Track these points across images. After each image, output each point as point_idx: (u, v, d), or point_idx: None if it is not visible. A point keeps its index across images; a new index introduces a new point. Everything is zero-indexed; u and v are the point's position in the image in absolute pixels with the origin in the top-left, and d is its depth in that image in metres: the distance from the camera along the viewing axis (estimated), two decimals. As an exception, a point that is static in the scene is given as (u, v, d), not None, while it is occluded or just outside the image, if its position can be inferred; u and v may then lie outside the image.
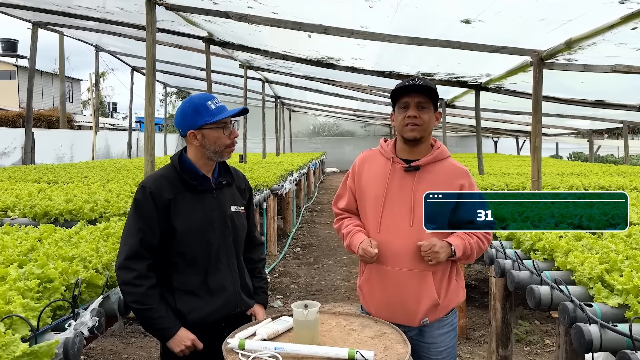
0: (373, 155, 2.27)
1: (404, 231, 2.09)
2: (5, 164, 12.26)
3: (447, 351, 2.17)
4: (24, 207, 3.95)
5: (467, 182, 2.14)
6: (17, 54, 34.58)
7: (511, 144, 23.08)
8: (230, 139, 2.11)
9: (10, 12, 9.74)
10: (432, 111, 2.12)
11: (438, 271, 2.10)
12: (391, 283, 2.11)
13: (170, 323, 1.99)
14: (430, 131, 2.15)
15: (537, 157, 5.95)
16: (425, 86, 2.06)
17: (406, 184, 2.12)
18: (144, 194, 2.01)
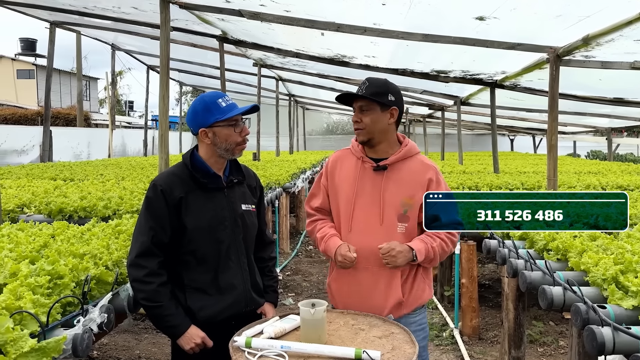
0: (345, 155, 2.29)
1: (374, 231, 2.12)
2: (24, 161, 12.47)
3: (421, 347, 2.11)
4: (40, 204, 4.01)
5: (435, 177, 2.15)
6: (36, 53, 35.21)
7: (528, 142, 22.80)
8: (241, 137, 2.11)
9: (28, 12, 9.90)
10: (378, 111, 2.11)
11: (405, 270, 2.13)
12: (360, 281, 2.15)
13: (180, 320, 2.00)
14: (381, 130, 2.14)
15: (553, 155, 5.87)
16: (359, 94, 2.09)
17: (376, 183, 2.15)
18: (155, 192, 2.03)
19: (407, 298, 2.13)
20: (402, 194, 2.12)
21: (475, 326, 4.36)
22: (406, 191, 2.12)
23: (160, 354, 4.06)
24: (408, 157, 2.17)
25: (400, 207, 2.11)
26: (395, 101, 2.14)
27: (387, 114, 2.12)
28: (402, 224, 2.11)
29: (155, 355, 4.05)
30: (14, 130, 13.91)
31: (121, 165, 9.49)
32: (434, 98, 12.25)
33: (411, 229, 2.13)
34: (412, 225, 2.13)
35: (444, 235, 2.13)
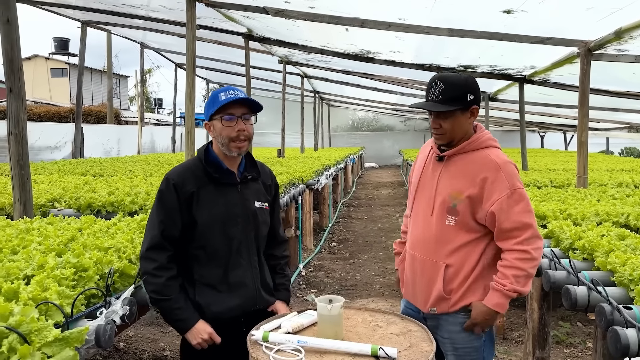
0: (428, 145, 2.29)
1: (426, 219, 2.12)
2: (57, 157, 12.86)
3: (466, 352, 2.10)
4: (70, 199, 4.12)
5: (493, 176, 1.97)
6: (69, 52, 36.18)
7: (559, 139, 22.24)
8: (235, 132, 2.03)
9: (61, 12, 10.18)
10: (459, 114, 2.02)
11: (452, 266, 2.05)
12: (411, 267, 2.21)
13: (188, 315, 2.00)
14: (462, 131, 2.06)
15: (583, 152, 5.72)
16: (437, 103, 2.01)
17: (435, 173, 2.14)
18: (167, 186, 2.03)
19: (453, 295, 2.06)
20: (452, 187, 2.04)
21: (499, 326, 4.29)
22: (456, 185, 2.03)
23: (185, 346, 4.13)
24: (472, 149, 2.06)
25: (449, 199, 2.04)
26: (475, 99, 2.03)
27: (467, 114, 2.04)
28: (451, 217, 2.04)
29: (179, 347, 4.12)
30: (48, 127, 14.35)
31: (149, 161, 9.68)
32: (461, 94, 12.06)
33: (463, 223, 2.03)
34: (464, 221, 2.02)
35: (513, 259, 1.96)
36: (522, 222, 1.96)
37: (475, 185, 1.99)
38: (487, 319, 2.02)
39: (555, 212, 3.69)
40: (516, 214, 1.95)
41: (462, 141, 2.07)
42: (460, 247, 2.05)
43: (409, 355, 1.70)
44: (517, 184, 1.98)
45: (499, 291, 1.97)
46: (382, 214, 10.90)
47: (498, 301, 1.97)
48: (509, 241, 1.97)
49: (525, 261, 1.95)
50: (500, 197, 1.95)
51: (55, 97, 32.41)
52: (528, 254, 1.95)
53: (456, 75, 2.02)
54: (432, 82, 2.03)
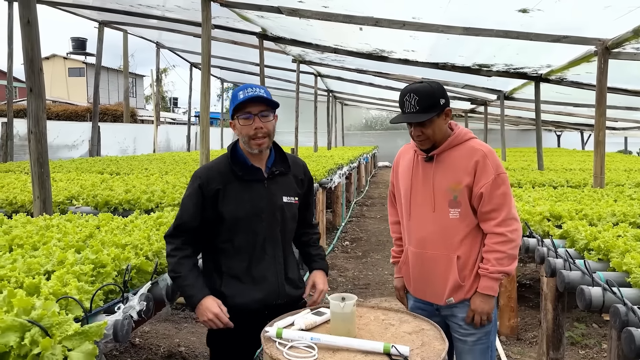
0: (406, 150, 2.43)
1: (428, 217, 2.23)
2: (74, 155, 13.06)
3: (478, 337, 2.22)
4: (87, 197, 4.20)
5: (482, 160, 2.15)
6: (86, 52, 36.69)
7: (575, 139, 21.95)
8: (252, 130, 2.08)
9: (78, 13, 10.34)
10: (436, 118, 2.16)
11: (462, 255, 2.19)
12: (420, 265, 2.29)
13: (195, 291, 2.06)
14: (442, 133, 2.20)
15: (600, 151, 5.66)
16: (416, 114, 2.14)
17: (427, 173, 2.25)
18: (194, 183, 2.14)
19: (467, 282, 2.20)
20: (449, 181, 2.18)
21: (513, 326, 4.27)
22: (453, 177, 2.18)
23: (199, 342, 4.18)
24: (456, 144, 2.22)
25: (449, 193, 2.18)
26: (446, 101, 2.18)
27: (442, 117, 2.19)
28: (454, 210, 2.18)
29: (194, 344, 4.18)
30: (66, 126, 14.57)
31: (165, 160, 9.79)
32: (476, 92, 11.99)
33: (465, 213, 2.18)
34: (466, 211, 2.18)
35: (492, 243, 2.15)
36: (499, 203, 2.14)
37: (470, 172, 2.16)
38: (483, 305, 2.17)
39: (571, 212, 3.66)
40: (496, 197, 2.14)
41: (444, 140, 2.22)
42: (466, 237, 2.20)
43: (421, 354, 1.71)
44: (501, 170, 2.17)
45: (485, 276, 2.16)
46: (396, 213, 10.86)
47: (486, 284, 2.16)
48: (489, 222, 2.16)
49: (503, 244, 2.13)
50: (487, 182, 2.14)
51: (72, 96, 32.89)
52: (505, 237, 2.13)
53: (425, 85, 2.16)
54: (405, 95, 2.15)
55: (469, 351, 2.24)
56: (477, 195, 2.15)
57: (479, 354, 2.23)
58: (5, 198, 4.08)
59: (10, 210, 3.98)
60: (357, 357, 1.70)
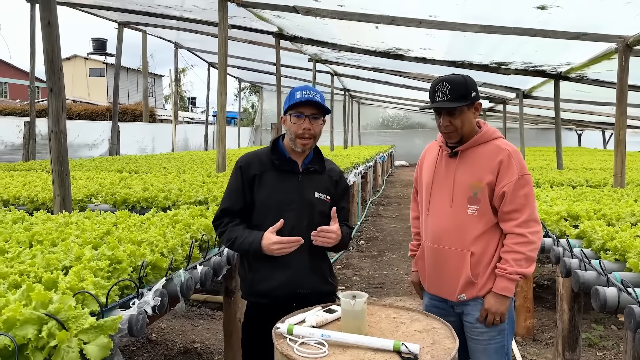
0: (432, 146, 2.45)
1: (446, 212, 2.24)
2: (94, 154, 13.29)
3: (492, 335, 2.20)
4: (106, 195, 4.28)
5: (506, 159, 2.14)
6: (106, 52, 37.26)
7: (597, 137, 21.56)
8: (301, 129, 2.20)
9: (98, 14, 10.51)
10: (466, 111, 2.17)
11: (477, 252, 2.18)
12: (435, 259, 2.29)
13: (252, 239, 2.17)
14: (471, 127, 2.21)
15: (620, 151, 5.56)
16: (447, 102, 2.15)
17: (449, 168, 2.26)
18: (236, 167, 2.31)
19: (480, 280, 2.18)
20: (471, 178, 2.19)
21: (529, 327, 4.22)
22: (476, 174, 2.18)
23: (214, 339, 4.23)
24: (483, 142, 2.22)
25: (469, 190, 2.18)
26: (477, 95, 2.20)
27: (472, 110, 2.20)
28: (472, 207, 2.18)
29: (209, 340, 4.23)
30: (86, 126, 14.83)
31: (183, 159, 9.90)
32: (494, 91, 11.86)
33: (484, 211, 2.17)
34: (485, 208, 2.17)
35: (512, 244, 2.12)
36: (521, 204, 2.12)
37: (493, 170, 2.15)
38: (497, 305, 2.14)
39: (589, 212, 3.60)
40: (519, 197, 2.11)
41: (471, 136, 2.22)
42: (482, 235, 2.18)
43: (431, 352, 1.71)
44: (525, 170, 2.16)
45: (502, 276, 2.13)
46: (412, 213, 10.81)
47: (502, 285, 2.13)
48: (509, 223, 2.14)
49: (523, 245, 2.11)
50: (510, 181, 2.12)
51: (93, 96, 33.45)
52: (525, 238, 2.10)
53: (458, 76, 2.19)
54: (437, 84, 2.17)
55: (483, 350, 2.22)
56: (499, 194, 2.13)
57: (493, 353, 2.22)
58: (27, 196, 4.18)
59: (31, 208, 4.08)
60: (367, 354, 1.70)
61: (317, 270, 2.28)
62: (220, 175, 5.98)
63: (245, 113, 33.99)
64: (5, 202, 4.18)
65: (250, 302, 2.33)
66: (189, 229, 2.83)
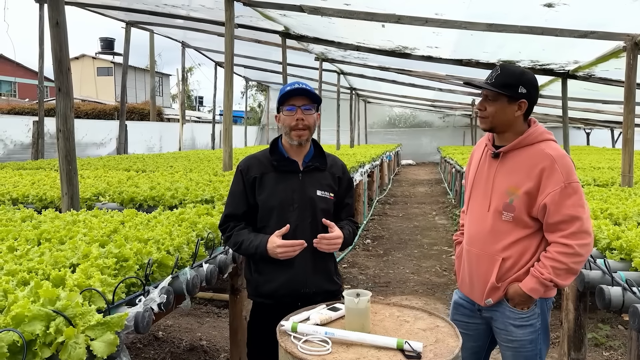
0: (483, 142, 2.33)
1: (482, 216, 2.17)
2: (102, 153, 13.39)
3: (522, 344, 2.11)
4: (113, 193, 4.31)
5: (549, 165, 1.98)
6: (114, 51, 37.49)
7: (605, 136, 21.40)
8: (294, 121, 2.19)
9: (106, 13, 10.58)
10: (505, 102, 2.06)
11: (509, 259, 2.09)
12: (468, 261, 2.25)
13: (257, 242, 2.18)
14: (505, 121, 2.09)
15: (628, 150, 5.53)
16: (488, 83, 2.07)
17: (491, 170, 2.17)
18: (236, 171, 2.34)
19: (503, 284, 2.10)
20: (509, 183, 2.07)
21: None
22: (514, 180, 2.06)
23: (220, 337, 4.26)
24: (527, 144, 2.08)
25: (506, 195, 2.08)
26: (527, 93, 2.05)
27: (514, 106, 2.06)
28: (507, 213, 2.07)
29: (215, 338, 4.26)
30: (94, 125, 14.93)
31: (190, 157, 9.94)
32: (501, 90, 11.79)
33: (519, 219, 2.05)
34: (520, 216, 2.05)
35: (554, 252, 1.99)
36: (570, 215, 1.96)
37: (532, 178, 2.01)
38: (522, 301, 2.08)
39: (596, 211, 3.59)
40: (566, 207, 1.96)
41: (512, 134, 2.11)
42: (517, 242, 2.08)
43: (434, 350, 1.72)
44: (572, 178, 1.98)
45: (536, 278, 2.01)
46: (418, 212, 10.81)
47: (533, 286, 2.02)
48: (555, 234, 1.99)
49: (567, 255, 1.96)
50: (554, 190, 1.96)
51: (101, 95, 33.66)
52: (571, 249, 1.95)
53: (515, 67, 2.11)
54: (493, 69, 2.11)
55: (513, 357, 2.16)
56: (541, 205, 1.99)
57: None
58: (35, 194, 4.22)
59: (40, 206, 4.12)
60: (371, 352, 1.72)
61: (322, 270, 2.29)
62: (226, 174, 6.01)
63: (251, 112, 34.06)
64: (14, 200, 4.22)
65: (256, 303, 2.35)
66: (195, 228, 2.85)
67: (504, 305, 2.12)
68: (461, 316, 2.32)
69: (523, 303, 2.08)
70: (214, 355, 3.96)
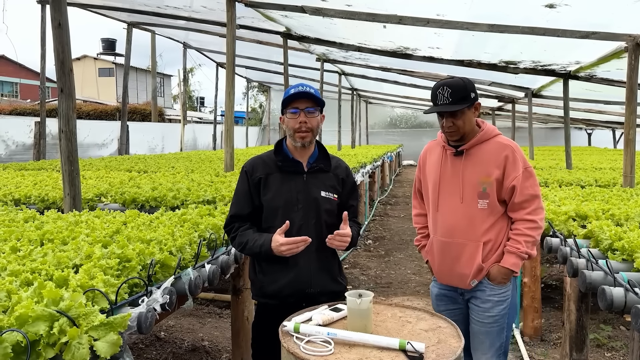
0: (433, 146, 2.57)
1: (457, 208, 2.37)
2: (104, 154, 13.41)
3: (496, 320, 2.36)
4: (115, 194, 4.32)
5: (511, 155, 2.30)
6: (115, 52, 37.53)
7: (607, 137, 21.37)
8: (297, 123, 2.21)
9: (107, 14, 10.60)
10: (466, 111, 2.30)
11: (489, 242, 2.34)
12: (447, 252, 2.42)
13: (262, 242, 2.19)
14: (471, 126, 2.34)
15: (630, 150, 5.53)
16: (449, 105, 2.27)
17: (456, 166, 2.39)
18: (241, 172, 2.35)
19: (487, 263, 2.35)
20: (479, 174, 2.33)
21: (536, 327, 4.21)
22: (483, 170, 2.33)
23: (222, 337, 4.26)
24: (485, 139, 2.36)
25: (479, 185, 2.33)
26: (475, 96, 2.33)
27: (472, 110, 2.33)
28: (482, 201, 2.33)
29: (217, 338, 4.26)
30: (96, 125, 14.96)
31: (191, 158, 9.96)
32: (503, 90, 11.80)
33: (493, 204, 2.33)
34: (494, 202, 2.33)
35: (524, 228, 2.30)
36: (531, 194, 2.31)
37: (500, 166, 2.31)
38: (501, 277, 2.34)
39: (598, 212, 3.59)
40: (527, 188, 2.30)
41: (472, 135, 2.36)
42: (493, 225, 2.35)
43: (436, 351, 1.72)
44: (527, 163, 2.35)
45: (514, 253, 2.31)
46: (420, 212, 10.78)
47: (514, 261, 2.31)
48: (520, 212, 2.33)
49: (533, 229, 2.31)
50: (518, 175, 2.29)
51: (102, 96, 33.71)
52: (535, 223, 2.31)
53: (457, 79, 2.32)
54: (438, 89, 2.30)
55: (486, 333, 2.38)
56: (509, 188, 2.30)
57: (495, 335, 2.38)
58: (37, 195, 4.23)
59: (42, 207, 4.13)
60: (373, 352, 1.72)
61: (326, 270, 2.29)
62: (228, 175, 6.02)
63: (253, 112, 34.07)
64: (17, 201, 4.24)
65: (260, 303, 2.35)
66: (197, 228, 2.86)
67: (485, 283, 2.37)
68: (445, 305, 2.52)
69: (504, 280, 2.34)
70: (216, 355, 3.97)
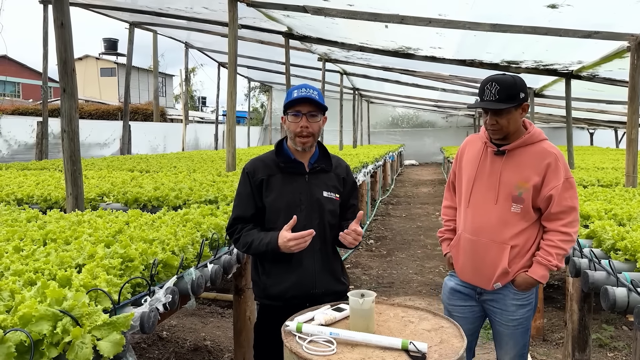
0: (474, 140, 2.51)
1: (488, 208, 2.33)
2: (106, 153, 13.43)
3: (520, 322, 2.34)
4: (118, 194, 4.33)
5: (554, 163, 2.23)
6: (117, 52, 37.57)
7: (609, 137, 21.32)
8: (299, 128, 2.20)
9: (110, 14, 10.61)
10: (513, 111, 2.23)
11: (517, 246, 2.29)
12: (473, 251, 2.37)
13: (268, 239, 2.16)
14: (516, 126, 2.28)
15: (632, 150, 5.52)
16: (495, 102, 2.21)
17: (495, 166, 2.33)
18: (243, 174, 2.33)
19: (513, 268, 2.30)
20: (518, 177, 2.27)
21: (539, 327, 4.20)
22: (522, 175, 2.27)
23: (224, 337, 4.27)
24: (530, 143, 2.30)
25: (515, 189, 2.27)
26: (525, 96, 2.25)
27: (519, 111, 2.26)
28: (516, 205, 2.28)
29: (219, 338, 4.27)
30: (97, 125, 14.96)
31: (193, 158, 9.96)
32: (504, 90, 11.77)
33: (527, 210, 2.27)
34: (527, 207, 2.27)
35: (557, 240, 2.25)
36: (569, 206, 2.25)
37: (540, 173, 2.24)
38: (526, 287, 2.30)
39: (600, 212, 3.58)
40: (566, 199, 2.24)
41: (516, 135, 2.30)
42: (523, 231, 2.29)
43: (439, 351, 1.72)
44: (570, 174, 2.28)
45: (544, 265, 2.25)
46: (421, 212, 10.80)
47: (543, 273, 2.26)
48: (556, 223, 2.26)
49: (567, 242, 2.26)
50: (558, 184, 2.23)
51: (104, 96, 33.76)
52: (569, 236, 2.25)
53: (508, 77, 2.25)
54: (487, 84, 2.24)
55: (510, 335, 2.36)
56: (545, 196, 2.23)
57: (519, 336, 2.36)
58: (40, 195, 4.24)
59: (45, 207, 4.14)
60: (376, 352, 1.72)
61: (329, 270, 2.30)
62: (230, 175, 6.02)
63: (254, 112, 34.10)
64: (19, 200, 4.24)
65: (263, 305, 2.34)
66: (199, 228, 2.86)
67: (509, 288, 2.32)
68: (457, 300, 2.49)
69: (529, 288, 2.30)
70: (218, 355, 3.97)
